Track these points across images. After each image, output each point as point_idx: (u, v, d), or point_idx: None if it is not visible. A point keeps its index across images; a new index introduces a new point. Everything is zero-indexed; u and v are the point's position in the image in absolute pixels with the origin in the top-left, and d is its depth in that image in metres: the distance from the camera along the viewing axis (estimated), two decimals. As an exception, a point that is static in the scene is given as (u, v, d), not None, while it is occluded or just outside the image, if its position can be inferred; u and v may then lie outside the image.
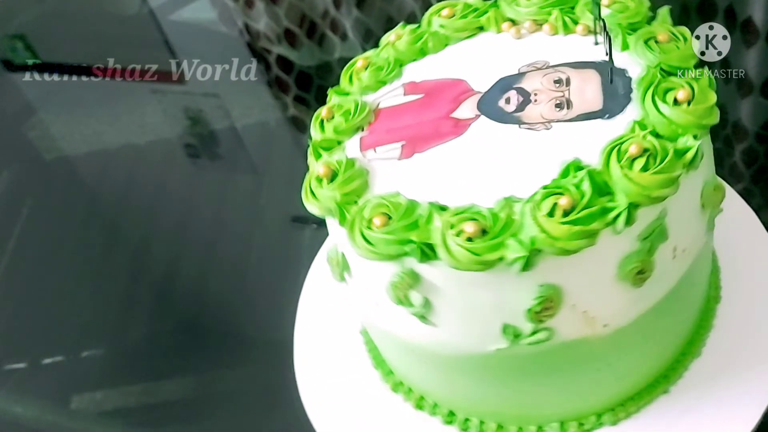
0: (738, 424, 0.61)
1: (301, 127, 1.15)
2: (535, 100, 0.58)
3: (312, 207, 0.58)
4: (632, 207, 0.50)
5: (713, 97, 0.54)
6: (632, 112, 0.55)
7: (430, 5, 0.68)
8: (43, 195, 1.16)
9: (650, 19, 0.61)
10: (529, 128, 0.57)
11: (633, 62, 0.59)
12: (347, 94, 0.66)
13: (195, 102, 1.21)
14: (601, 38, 0.60)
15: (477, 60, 0.65)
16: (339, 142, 0.62)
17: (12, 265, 1.04)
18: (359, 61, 0.67)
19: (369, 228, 0.53)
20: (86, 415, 0.84)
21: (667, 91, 0.54)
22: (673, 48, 0.57)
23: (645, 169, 0.50)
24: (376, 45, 0.69)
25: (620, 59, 0.59)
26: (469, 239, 0.50)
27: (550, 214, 0.50)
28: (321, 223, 0.61)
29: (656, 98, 0.54)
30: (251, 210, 1.03)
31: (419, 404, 0.68)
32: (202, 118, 1.20)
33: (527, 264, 0.50)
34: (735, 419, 0.62)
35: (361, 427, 0.69)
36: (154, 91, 1.25)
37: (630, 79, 0.57)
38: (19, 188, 1.20)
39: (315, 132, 0.63)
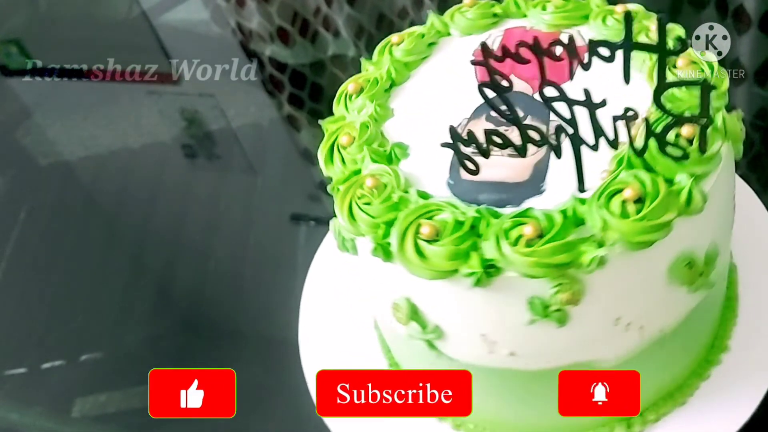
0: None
1: (296, 125, 1.15)
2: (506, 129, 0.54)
3: None
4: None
5: None
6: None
7: (422, 2, 0.68)
8: (39, 199, 1.16)
9: None
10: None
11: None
12: (586, 16, 0.64)
13: (190, 103, 1.21)
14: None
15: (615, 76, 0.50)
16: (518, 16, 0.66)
17: (9, 270, 1.04)
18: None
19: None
20: (86, 419, 0.84)
21: (518, 229, 0.49)
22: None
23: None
24: (368, 42, 0.68)
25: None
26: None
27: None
28: (318, 221, 0.61)
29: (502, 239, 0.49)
30: (248, 209, 1.03)
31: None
32: (197, 118, 1.20)
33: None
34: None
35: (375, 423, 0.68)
36: (150, 93, 1.25)
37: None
38: (15, 193, 1.20)
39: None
